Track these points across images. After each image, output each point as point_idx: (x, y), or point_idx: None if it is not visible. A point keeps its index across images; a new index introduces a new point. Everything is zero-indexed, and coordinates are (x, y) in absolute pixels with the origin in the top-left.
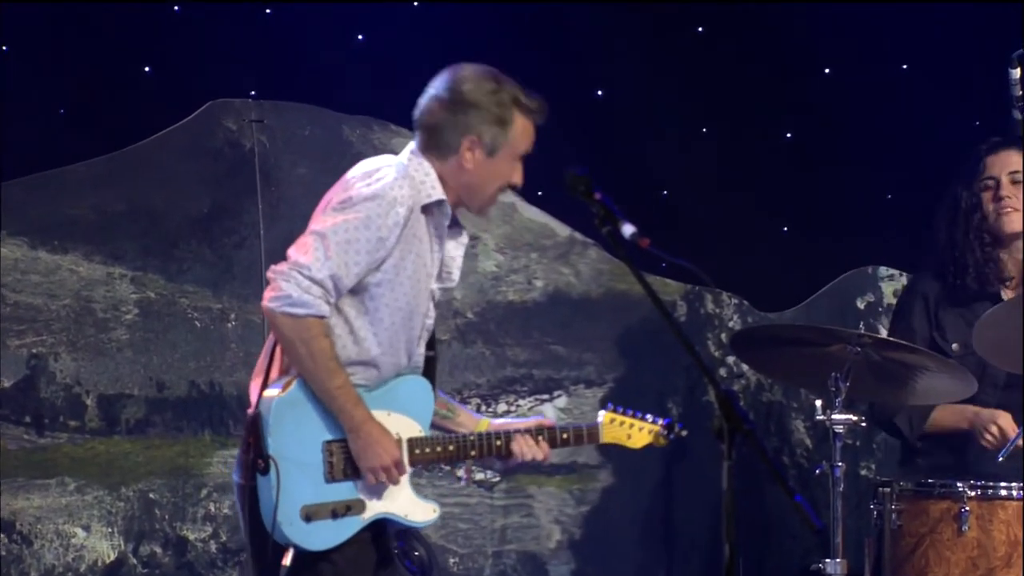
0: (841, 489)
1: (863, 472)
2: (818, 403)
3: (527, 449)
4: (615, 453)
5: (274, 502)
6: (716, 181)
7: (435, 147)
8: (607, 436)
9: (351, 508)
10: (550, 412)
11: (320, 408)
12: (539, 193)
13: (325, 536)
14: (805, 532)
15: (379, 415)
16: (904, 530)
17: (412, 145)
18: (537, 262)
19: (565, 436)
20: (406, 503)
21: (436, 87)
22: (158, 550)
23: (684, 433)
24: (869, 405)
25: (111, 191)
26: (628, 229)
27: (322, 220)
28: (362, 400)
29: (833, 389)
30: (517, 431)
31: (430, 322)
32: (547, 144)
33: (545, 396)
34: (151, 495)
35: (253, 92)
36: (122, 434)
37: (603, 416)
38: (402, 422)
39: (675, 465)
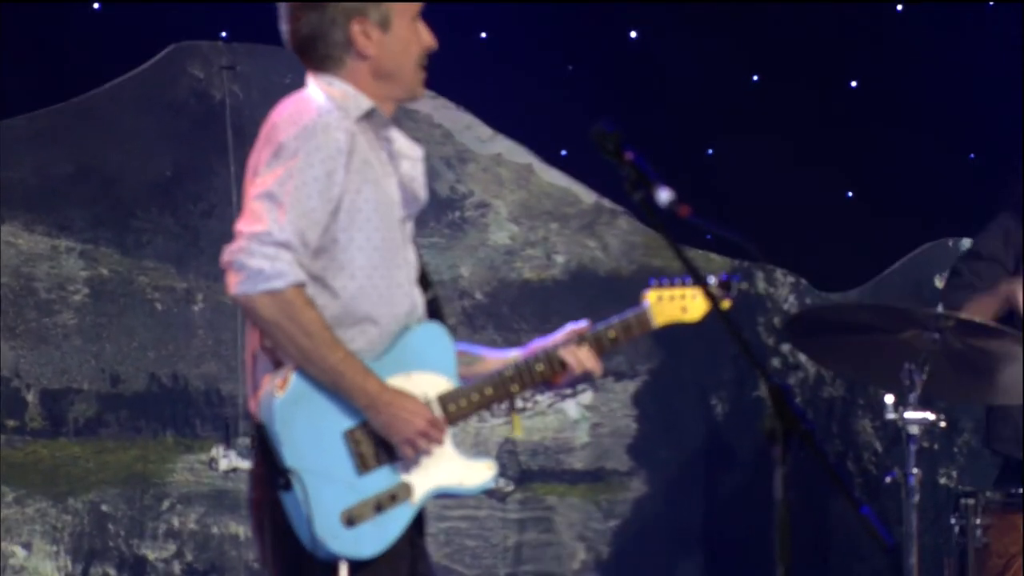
0: (916, 500)
1: (942, 480)
2: (888, 399)
3: (577, 360)
4: (647, 459)
5: (306, 518)
6: (768, 138)
7: (327, 57)
8: (660, 317)
9: (396, 496)
10: (573, 410)
11: (329, 395)
12: (561, 152)
13: (376, 536)
14: (874, 551)
15: (397, 380)
16: (991, 549)
17: (309, 78)
18: (557, 234)
19: (613, 334)
20: (456, 469)
21: (288, 5)
22: (111, 572)
23: (744, 285)
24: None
25: (56, 150)
26: (665, 195)
27: (260, 181)
28: (370, 369)
29: (907, 383)
30: (556, 347)
31: (412, 256)
32: (570, 94)
33: (567, 391)
34: (103, 507)
35: (224, 33)
36: (69, 436)
37: (649, 296)
38: (426, 380)
39: (720, 472)
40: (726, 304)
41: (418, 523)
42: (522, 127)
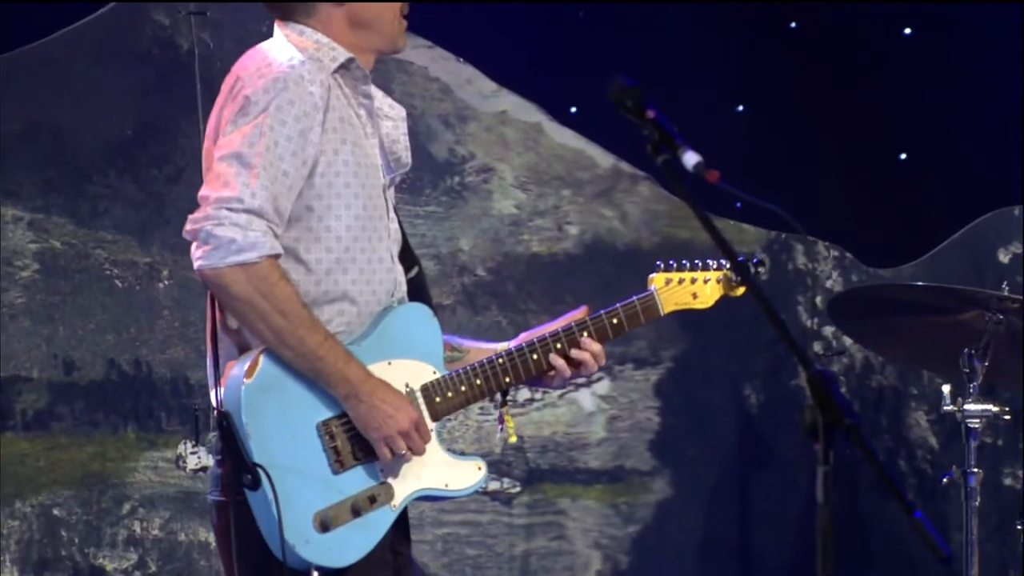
0: (977, 504)
1: (1007, 481)
2: (946, 389)
3: (575, 352)
4: (672, 457)
5: (276, 521)
6: (808, 93)
7: (297, 4)
8: (668, 303)
9: (376, 498)
10: (587, 401)
11: (303, 382)
12: (572, 110)
13: (353, 543)
14: (929, 561)
15: (377, 368)
16: None
17: (276, 28)
18: (570, 201)
19: (616, 321)
20: (442, 470)
21: None
22: None
23: (763, 269)
24: None
25: (1, 106)
26: (691, 158)
27: (225, 141)
28: (352, 354)
29: (966, 370)
30: (555, 334)
31: (395, 228)
32: (584, 44)
33: (581, 380)
34: (55, 511)
35: None
36: (17, 430)
37: (655, 280)
38: (408, 368)
39: (754, 472)
40: (739, 291)
41: (403, 529)
42: (530, 81)
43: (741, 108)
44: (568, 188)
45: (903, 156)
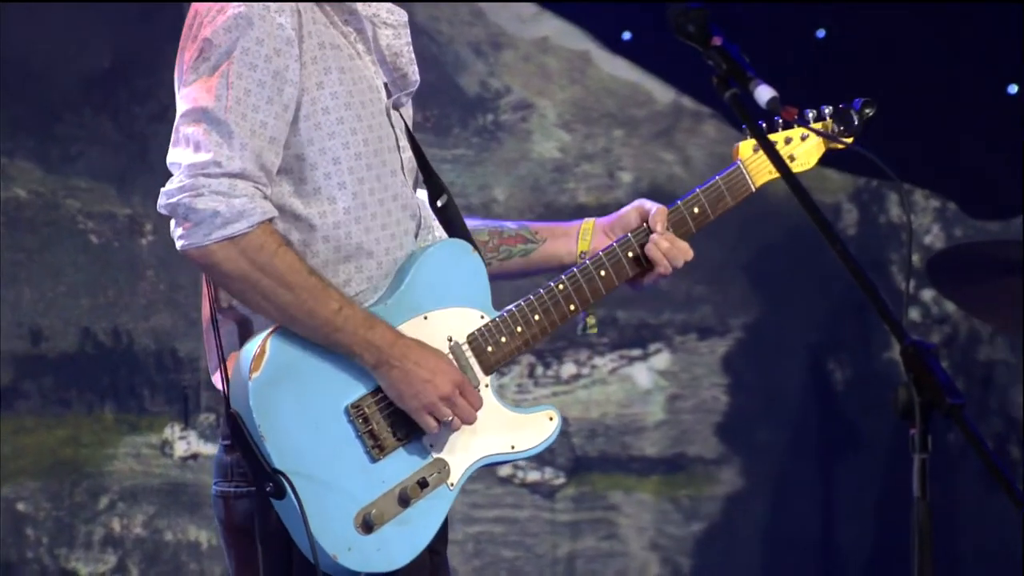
0: None
1: None
2: None
3: (662, 253)
4: (742, 443)
5: (307, 533)
6: (900, 15)
7: None
8: (760, 174)
9: (427, 481)
10: (643, 376)
11: (321, 362)
12: (625, 36)
13: (405, 538)
14: None
15: (412, 326)
16: None
17: None
18: (623, 143)
19: (697, 210)
20: (504, 429)
21: None
22: None
23: (870, 110)
24: None
25: None
26: (764, 92)
27: (190, 95)
28: (376, 316)
29: None
30: (623, 241)
31: (408, 155)
32: None
33: (636, 352)
34: (20, 506)
35: None
36: None
37: (741, 149)
38: (449, 319)
39: (838, 459)
40: (842, 141)
41: (441, 525)
42: (576, 2)
43: (822, 33)
44: (620, 128)
45: (1013, 89)
